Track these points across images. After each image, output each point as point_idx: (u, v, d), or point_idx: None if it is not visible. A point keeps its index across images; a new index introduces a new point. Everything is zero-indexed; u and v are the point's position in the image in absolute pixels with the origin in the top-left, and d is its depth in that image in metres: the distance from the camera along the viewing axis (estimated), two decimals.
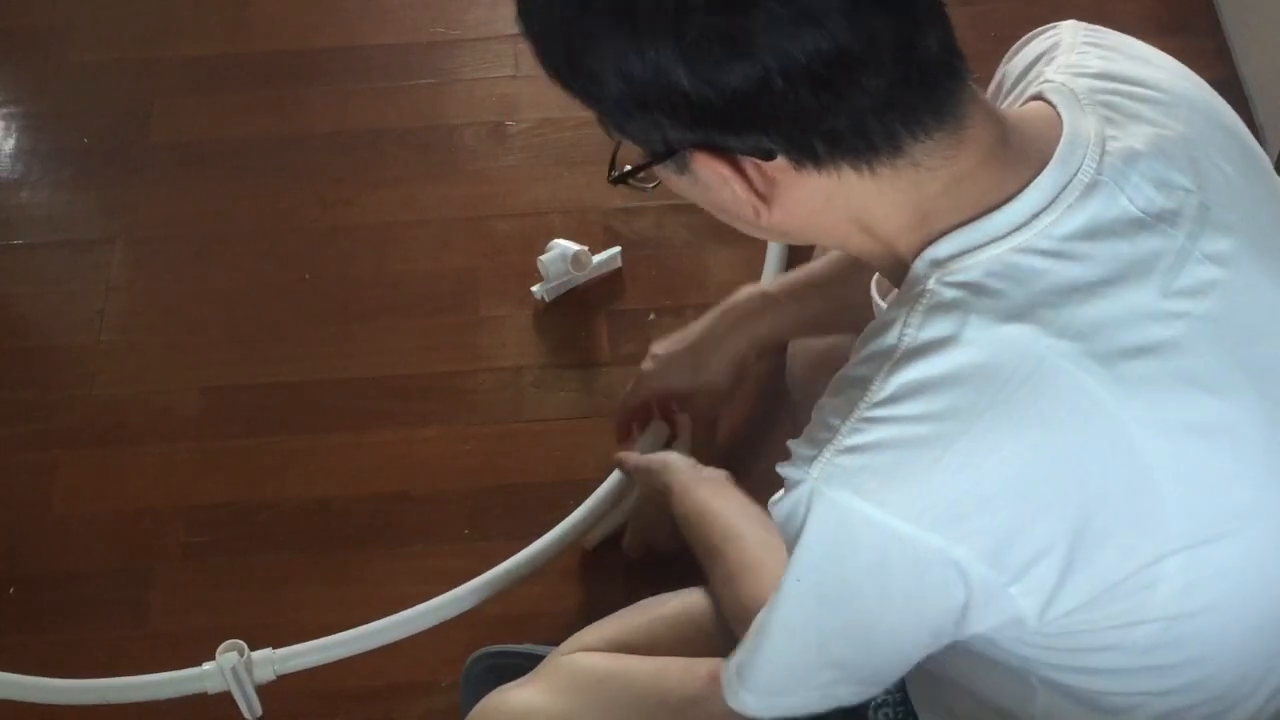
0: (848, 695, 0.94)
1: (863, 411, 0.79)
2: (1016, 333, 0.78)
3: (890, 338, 0.80)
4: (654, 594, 1.34)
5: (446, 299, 1.86)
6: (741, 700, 0.96)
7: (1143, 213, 0.82)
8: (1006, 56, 0.99)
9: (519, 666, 1.23)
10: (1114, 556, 0.82)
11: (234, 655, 1.37)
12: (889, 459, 0.79)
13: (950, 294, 0.80)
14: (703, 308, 1.81)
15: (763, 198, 0.82)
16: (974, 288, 0.79)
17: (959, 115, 0.80)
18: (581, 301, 1.84)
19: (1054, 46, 0.94)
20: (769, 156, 0.80)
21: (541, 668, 1.16)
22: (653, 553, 1.49)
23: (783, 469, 0.84)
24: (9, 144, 2.07)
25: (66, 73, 2.14)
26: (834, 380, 0.84)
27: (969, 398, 0.78)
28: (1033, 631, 0.85)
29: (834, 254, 1.36)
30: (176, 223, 1.96)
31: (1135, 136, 0.84)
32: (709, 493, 1.26)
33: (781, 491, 0.85)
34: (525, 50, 0.85)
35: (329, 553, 1.66)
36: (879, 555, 0.81)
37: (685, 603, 1.28)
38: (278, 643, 1.45)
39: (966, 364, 0.78)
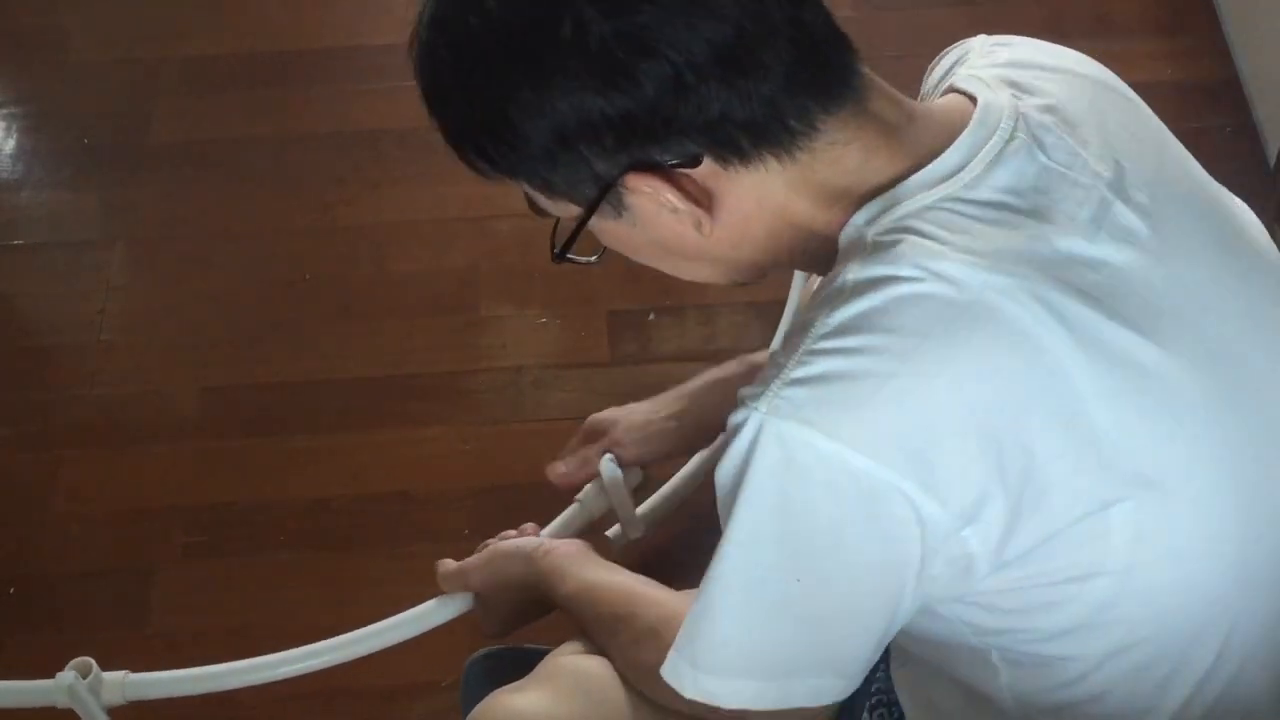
0: (804, 692, 0.89)
1: (808, 345, 0.81)
2: (953, 268, 0.80)
3: (835, 285, 0.82)
4: None
5: (446, 299, 1.86)
6: (699, 683, 0.89)
7: (1064, 167, 0.85)
8: (925, 72, 1.02)
9: (519, 667, 1.23)
10: (1061, 497, 0.82)
11: (71, 675, 1.25)
12: (835, 389, 0.79)
13: (887, 238, 0.82)
14: (702, 308, 1.82)
15: (701, 205, 0.84)
16: (909, 230, 0.82)
17: (858, 88, 0.85)
18: (582, 301, 1.85)
19: (965, 54, 0.98)
20: (696, 162, 0.82)
21: (540, 669, 1.16)
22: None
23: (730, 418, 0.83)
24: (9, 144, 2.07)
25: (66, 73, 2.14)
26: (787, 331, 0.86)
27: (910, 328, 0.79)
28: (986, 586, 0.85)
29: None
30: (176, 223, 1.96)
31: (1045, 108, 0.88)
32: (592, 567, 1.19)
33: (723, 454, 0.84)
34: None
35: (329, 553, 1.66)
36: (830, 489, 0.80)
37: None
38: (277, 643, 1.44)
39: (907, 296, 0.80)
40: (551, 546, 1.23)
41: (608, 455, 1.39)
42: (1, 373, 1.83)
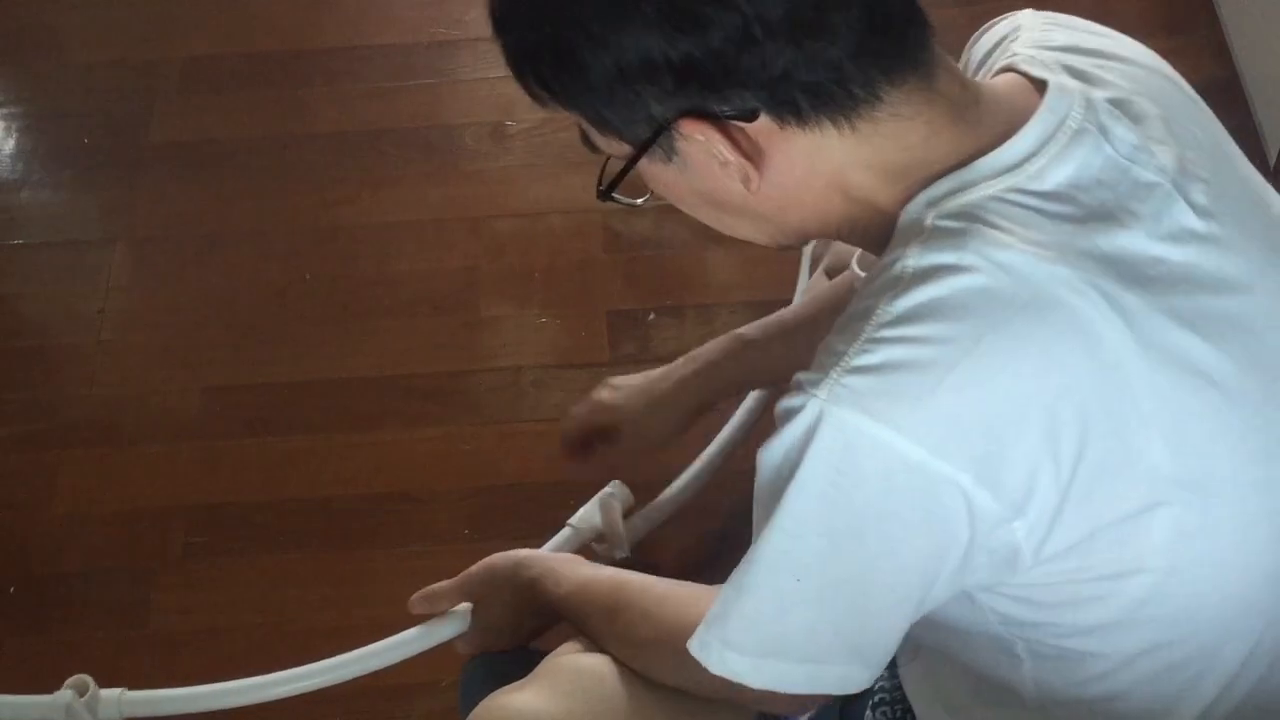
0: (833, 678, 0.89)
1: (869, 334, 0.80)
2: (1017, 259, 0.79)
3: (894, 271, 0.81)
4: None
5: (446, 299, 1.86)
6: (726, 661, 0.89)
7: (1129, 161, 0.85)
8: (969, 43, 1.01)
9: (519, 667, 1.23)
10: (1108, 493, 0.82)
11: (69, 694, 1.26)
12: (896, 379, 0.79)
13: (950, 224, 0.81)
14: (702, 308, 1.82)
15: (752, 161, 0.84)
16: (973, 218, 0.81)
17: (927, 64, 0.84)
18: (581, 301, 1.85)
19: (1016, 29, 0.96)
20: (752, 116, 0.82)
21: (540, 669, 1.16)
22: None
23: (782, 402, 0.83)
24: (9, 144, 2.07)
25: (66, 73, 2.14)
26: (841, 318, 0.84)
27: (972, 320, 0.79)
28: (1025, 579, 0.85)
29: (809, 297, 1.35)
30: (176, 223, 1.96)
31: (1114, 100, 0.88)
32: (583, 567, 1.21)
33: (773, 437, 0.83)
34: None
35: (329, 552, 1.66)
36: (884, 479, 0.80)
37: None
38: (277, 643, 1.45)
39: (969, 288, 0.79)
40: (542, 555, 1.25)
41: (611, 485, 1.42)
42: (1, 373, 1.83)
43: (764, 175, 0.85)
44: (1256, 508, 0.86)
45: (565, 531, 1.43)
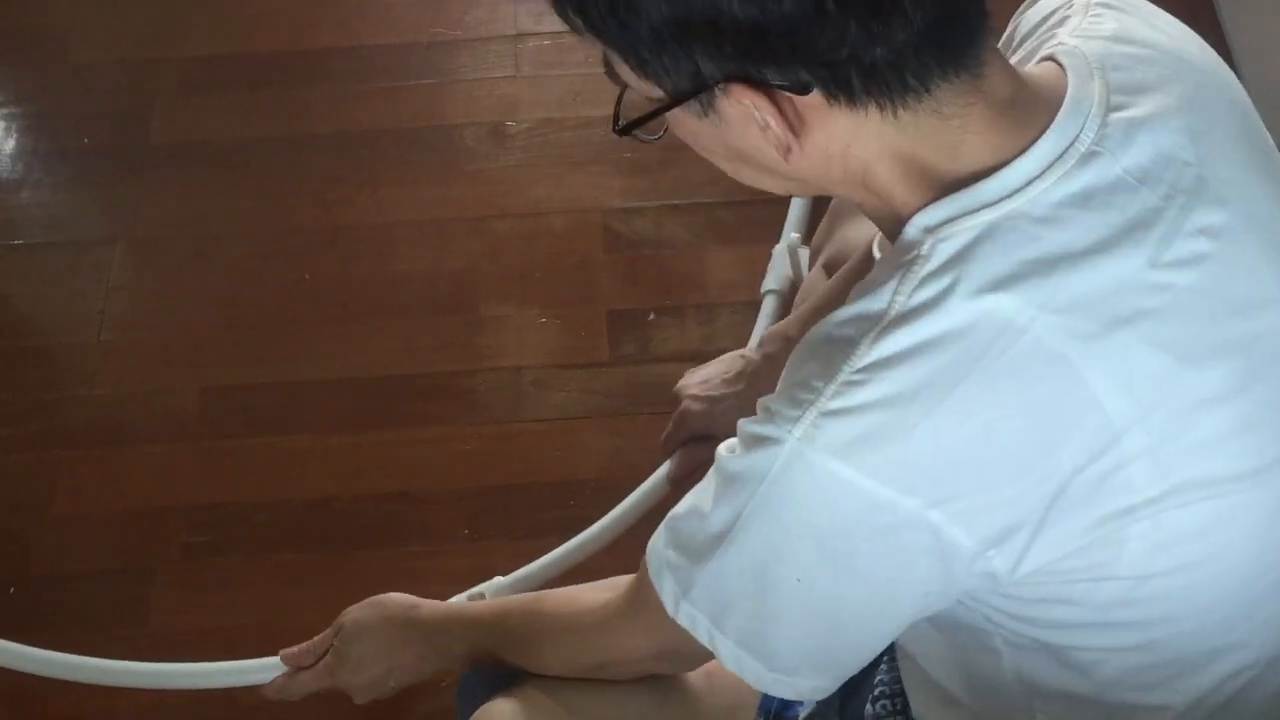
0: (804, 688, 0.91)
1: (847, 375, 0.79)
2: (1002, 303, 0.78)
3: (880, 301, 0.80)
4: None
5: (446, 299, 1.86)
6: (685, 613, 0.89)
7: (1137, 182, 0.82)
8: (1018, 11, 0.99)
9: (518, 667, 1.23)
10: (1082, 518, 0.82)
11: None
12: (872, 423, 0.78)
13: (941, 259, 0.80)
14: (702, 308, 1.81)
15: (794, 131, 0.82)
16: (965, 254, 0.80)
17: (980, 61, 0.81)
18: (581, 301, 1.85)
19: (1066, 4, 0.93)
20: (805, 90, 0.79)
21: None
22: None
23: (753, 425, 0.82)
24: (9, 144, 2.08)
25: (66, 73, 2.14)
26: (816, 337, 0.83)
27: (951, 364, 0.78)
28: (1003, 586, 0.85)
29: (835, 281, 1.35)
30: (177, 223, 1.97)
31: (1140, 104, 0.85)
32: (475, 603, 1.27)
33: (735, 441, 0.83)
34: (525, 50, 0.86)
35: (329, 553, 1.66)
36: (853, 519, 0.80)
37: None
38: (275, 642, 1.44)
39: (950, 330, 0.78)
40: (417, 601, 1.27)
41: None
42: (1, 373, 1.83)
43: (804, 145, 0.82)
44: (1239, 526, 0.86)
45: (769, 300, 1.48)
